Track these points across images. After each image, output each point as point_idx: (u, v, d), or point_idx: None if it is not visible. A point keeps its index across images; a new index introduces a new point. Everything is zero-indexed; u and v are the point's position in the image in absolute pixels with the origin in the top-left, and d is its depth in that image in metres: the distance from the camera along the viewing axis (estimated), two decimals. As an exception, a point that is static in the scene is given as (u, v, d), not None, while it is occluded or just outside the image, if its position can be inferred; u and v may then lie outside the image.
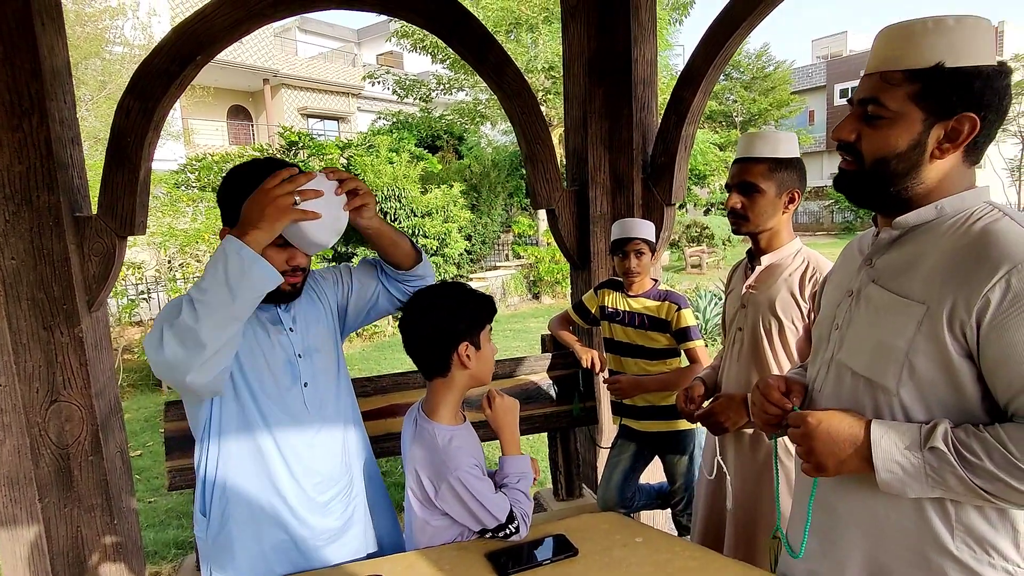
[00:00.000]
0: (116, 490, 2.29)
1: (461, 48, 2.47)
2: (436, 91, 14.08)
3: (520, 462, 1.47)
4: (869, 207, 1.09)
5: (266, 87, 20.30)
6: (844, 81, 29.71)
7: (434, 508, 1.39)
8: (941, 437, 0.91)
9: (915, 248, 1.01)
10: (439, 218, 10.74)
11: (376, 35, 28.05)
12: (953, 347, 0.92)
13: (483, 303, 1.46)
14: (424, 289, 1.49)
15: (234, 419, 1.38)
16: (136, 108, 2.19)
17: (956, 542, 0.96)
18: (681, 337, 2.22)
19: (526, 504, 1.43)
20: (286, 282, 1.40)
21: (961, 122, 0.95)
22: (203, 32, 2.22)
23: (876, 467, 0.96)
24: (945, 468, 0.91)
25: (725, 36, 2.34)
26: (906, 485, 0.95)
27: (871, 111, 1.00)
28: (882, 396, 1.01)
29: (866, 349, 1.04)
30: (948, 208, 0.99)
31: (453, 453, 1.37)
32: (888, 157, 1.00)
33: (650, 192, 2.67)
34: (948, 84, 0.94)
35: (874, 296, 1.04)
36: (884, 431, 0.96)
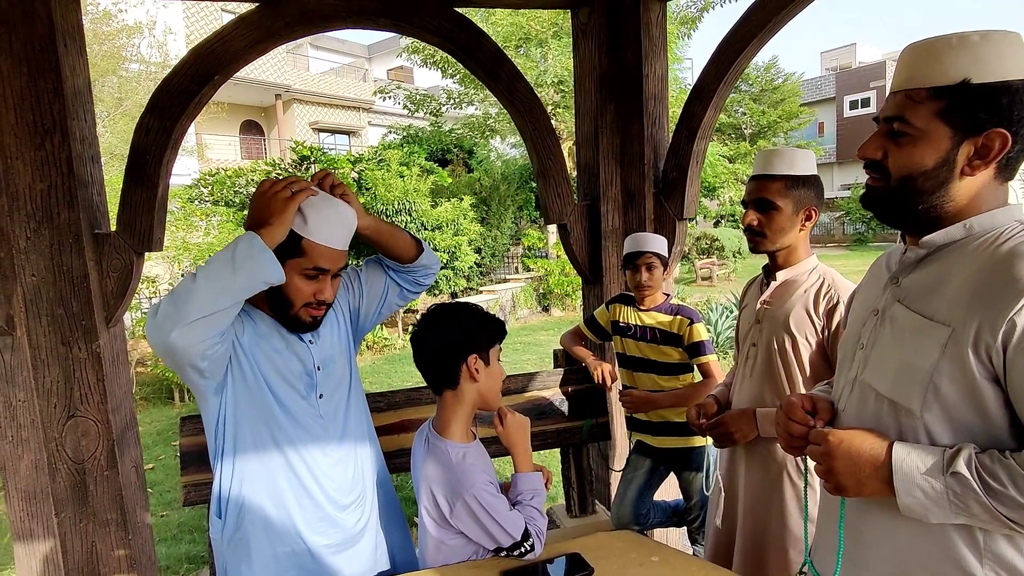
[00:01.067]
0: (131, 505, 2.30)
1: (473, 65, 2.50)
2: (446, 105, 14.19)
3: (533, 479, 1.48)
4: (897, 225, 1.07)
5: (278, 102, 20.56)
6: (854, 92, 29.67)
7: (449, 527, 1.39)
8: (964, 462, 0.89)
9: (942, 268, 0.99)
10: (449, 231, 10.79)
11: (387, 50, 28.34)
12: (978, 371, 0.90)
13: (494, 322, 1.49)
14: (437, 305, 1.51)
15: (249, 423, 1.40)
16: (155, 127, 2.22)
17: (985, 570, 0.93)
18: (694, 352, 2.21)
19: (540, 521, 1.43)
20: (308, 313, 1.42)
21: (991, 138, 0.93)
22: (221, 52, 2.26)
23: (897, 491, 0.93)
24: (968, 494, 0.88)
25: (735, 53, 2.35)
26: (928, 510, 0.92)
27: (897, 128, 0.99)
28: (906, 419, 0.98)
29: (890, 370, 1.02)
30: (977, 227, 0.97)
31: (468, 470, 1.37)
32: (915, 175, 0.99)
33: (662, 206, 2.67)
34: (975, 100, 0.93)
35: (899, 316, 1.02)
36: (906, 454, 0.94)
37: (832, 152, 28.84)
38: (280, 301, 1.41)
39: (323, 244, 1.38)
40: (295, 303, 1.40)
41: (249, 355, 1.39)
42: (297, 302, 1.40)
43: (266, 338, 1.42)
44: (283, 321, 1.43)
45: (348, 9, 2.32)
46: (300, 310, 1.41)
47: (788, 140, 25.72)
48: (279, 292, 1.39)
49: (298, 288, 1.38)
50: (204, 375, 1.31)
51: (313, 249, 1.37)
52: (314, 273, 1.38)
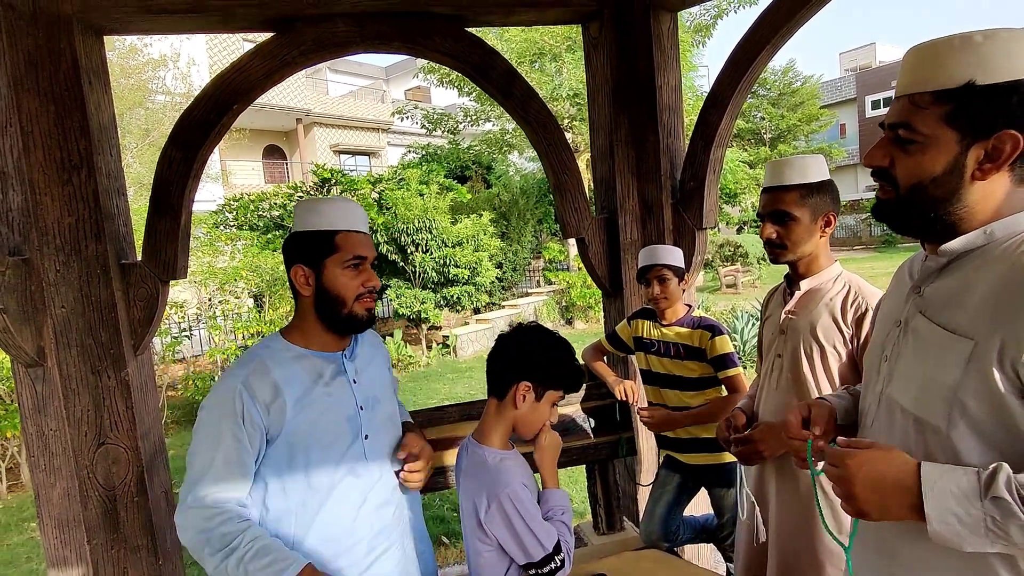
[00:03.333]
0: (161, 531, 2.32)
1: (487, 85, 2.52)
2: (463, 123, 14.34)
3: (562, 495, 1.48)
4: (913, 235, 1.04)
5: (299, 126, 20.96)
6: (875, 92, 29.25)
7: (484, 534, 1.39)
8: (1004, 485, 0.82)
9: (964, 276, 0.95)
10: (469, 247, 10.83)
11: (404, 71, 28.78)
12: (1004, 386, 0.85)
13: (568, 371, 1.48)
14: (540, 327, 1.52)
15: (287, 482, 1.37)
16: (178, 158, 2.27)
17: None
18: (718, 365, 2.16)
19: (569, 538, 1.43)
20: (362, 306, 1.44)
21: (1002, 140, 0.89)
22: (240, 82, 2.31)
23: (928, 517, 0.86)
24: (1010, 520, 0.81)
25: (749, 59, 2.33)
26: (963, 539, 0.85)
27: (903, 135, 0.96)
28: (932, 437, 0.94)
29: (914, 385, 0.98)
30: (999, 232, 0.93)
31: (504, 471, 1.39)
32: (924, 182, 0.96)
33: (680, 217, 2.65)
34: (982, 102, 0.89)
35: (921, 328, 0.99)
36: (937, 476, 0.87)
37: (855, 153, 28.39)
38: (332, 304, 1.42)
39: (353, 230, 1.43)
40: (347, 299, 1.42)
41: (289, 436, 1.37)
42: (349, 297, 1.42)
43: (307, 395, 1.39)
44: (339, 325, 1.44)
45: (362, 35, 2.36)
46: (354, 305, 1.43)
47: (809, 142, 25.43)
48: (329, 296, 1.41)
49: (346, 284, 1.41)
50: None
51: (347, 239, 1.42)
52: (356, 262, 1.42)
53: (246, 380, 1.36)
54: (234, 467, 1.33)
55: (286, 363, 1.41)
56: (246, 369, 1.38)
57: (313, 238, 1.42)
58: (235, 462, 1.33)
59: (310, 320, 1.45)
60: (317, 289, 1.42)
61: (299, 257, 1.44)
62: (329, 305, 1.42)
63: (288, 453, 1.37)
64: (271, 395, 1.36)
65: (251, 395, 1.34)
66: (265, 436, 1.36)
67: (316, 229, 1.42)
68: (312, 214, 1.43)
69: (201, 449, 1.34)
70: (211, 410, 1.36)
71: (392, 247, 10.51)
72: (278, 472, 1.37)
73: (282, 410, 1.36)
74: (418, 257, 10.41)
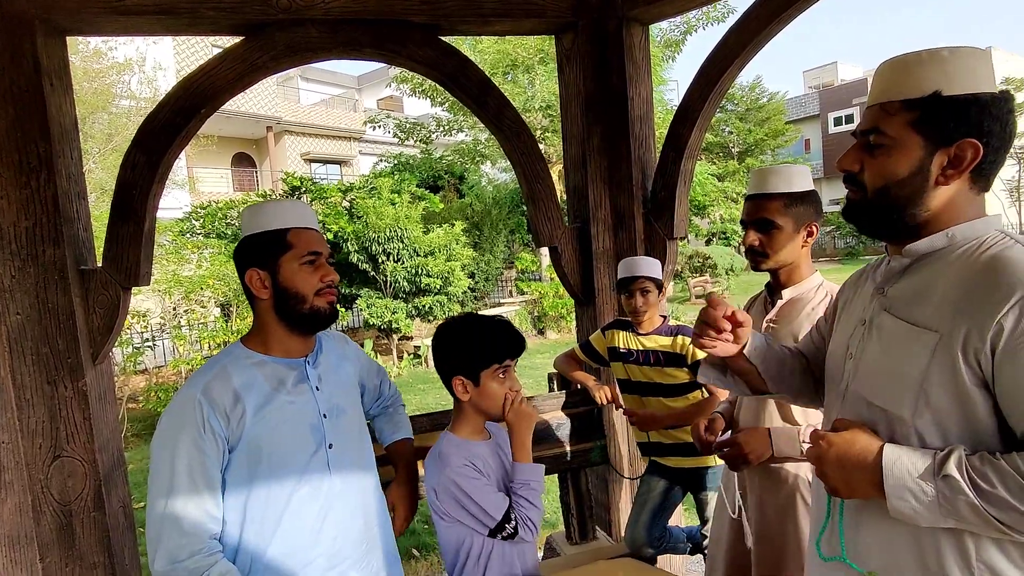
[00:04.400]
0: (119, 547, 2.24)
1: (461, 94, 2.52)
2: (436, 133, 14.33)
3: (527, 470, 1.53)
4: (878, 236, 1.09)
5: (269, 134, 20.70)
6: (837, 109, 30.14)
7: (441, 512, 1.50)
8: (955, 465, 0.89)
9: (927, 276, 1.01)
10: (442, 257, 10.78)
11: (376, 81, 28.67)
12: (968, 376, 0.91)
13: (488, 349, 1.51)
14: (450, 320, 1.61)
15: (247, 491, 1.33)
16: (142, 162, 2.22)
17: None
18: (698, 370, 2.19)
19: (530, 510, 1.50)
20: (323, 300, 1.41)
21: (963, 148, 0.96)
22: (208, 86, 2.27)
23: (887, 494, 0.94)
24: (958, 497, 0.88)
25: (718, 73, 2.38)
26: (918, 514, 0.92)
27: (872, 140, 1.02)
28: (899, 427, 0.99)
29: (880, 379, 1.03)
30: (959, 236, 0.99)
31: (447, 454, 1.50)
32: (889, 184, 1.01)
33: (652, 227, 2.67)
34: (946, 111, 0.95)
35: (887, 325, 1.03)
36: (896, 457, 0.94)
37: (819, 168, 29.15)
38: (292, 302, 1.39)
39: (303, 226, 1.41)
40: (307, 295, 1.39)
41: (249, 445, 1.33)
42: (309, 293, 1.39)
43: (268, 403, 1.35)
44: (302, 323, 1.41)
45: (334, 41, 2.34)
46: (315, 300, 1.40)
47: (776, 157, 26.05)
48: (288, 295, 1.38)
49: (304, 279, 1.39)
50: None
51: (299, 236, 1.40)
52: (311, 258, 1.40)
53: (206, 388, 1.32)
54: (199, 479, 1.29)
55: (246, 370, 1.37)
56: (205, 377, 1.34)
57: (264, 239, 1.39)
58: (199, 474, 1.29)
59: (270, 324, 1.42)
60: (275, 290, 1.39)
61: (252, 260, 1.40)
62: (289, 304, 1.39)
63: (248, 463, 1.33)
64: (231, 403, 1.32)
65: (211, 403, 1.30)
66: (227, 445, 1.32)
67: (266, 230, 1.39)
68: (260, 215, 1.41)
69: (163, 463, 1.29)
70: (171, 421, 1.32)
71: (363, 256, 10.40)
72: (238, 482, 1.33)
73: (242, 418, 1.32)
74: (389, 266, 10.32)
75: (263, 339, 1.43)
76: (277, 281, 1.39)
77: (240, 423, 1.32)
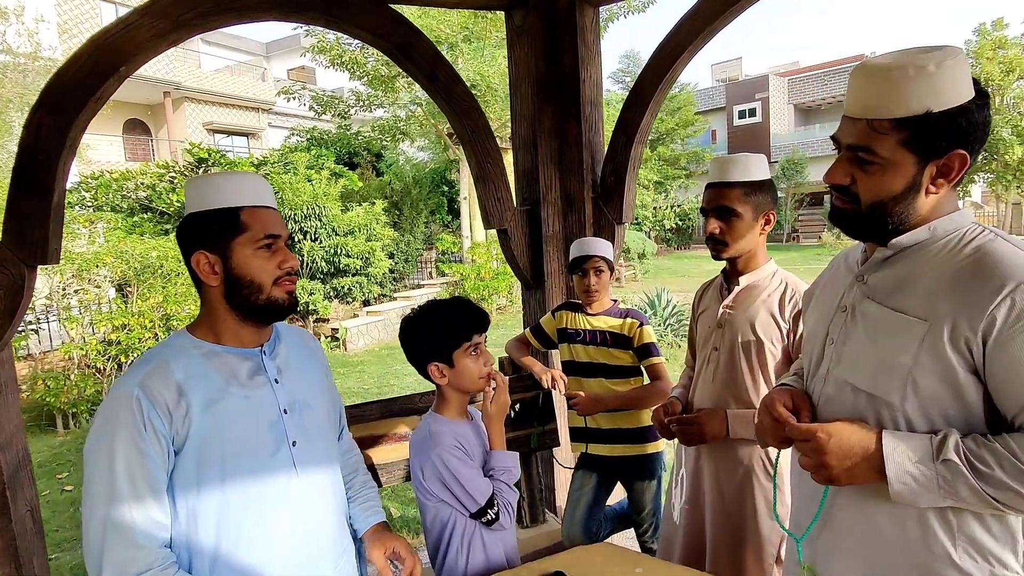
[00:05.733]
0: (27, 555, 2.01)
1: (409, 66, 2.41)
2: (355, 107, 13.78)
3: (506, 457, 1.58)
4: (865, 240, 1.13)
5: (167, 100, 19.15)
6: (741, 103, 31.71)
7: (426, 491, 1.53)
8: (953, 449, 0.94)
9: (909, 266, 1.05)
10: (362, 236, 10.47)
11: (286, 49, 27.18)
12: (958, 363, 0.96)
13: (455, 329, 1.54)
14: (411, 312, 1.60)
15: (200, 496, 1.21)
16: (49, 125, 1.96)
17: (959, 552, 0.99)
18: (643, 353, 2.22)
19: (509, 495, 1.54)
20: (282, 289, 1.27)
21: (952, 159, 0.99)
22: (126, 42, 2.03)
23: (889, 479, 0.98)
24: (958, 479, 0.93)
25: (671, 59, 2.41)
26: (918, 496, 0.97)
27: (863, 157, 1.03)
28: (886, 410, 1.03)
29: (867, 365, 1.06)
30: (940, 229, 1.04)
31: (436, 434, 1.52)
32: (885, 200, 1.04)
33: (600, 211, 2.69)
34: (937, 128, 0.97)
35: (871, 312, 1.07)
36: (895, 443, 0.98)
37: (710, 165, 30.58)
38: (247, 291, 1.25)
39: (260, 205, 1.27)
40: (264, 284, 1.25)
41: (197, 446, 1.20)
42: (266, 282, 1.25)
43: (219, 398, 1.22)
44: (258, 314, 1.27)
45: (275, 1, 2.16)
46: (272, 289, 1.26)
47: (685, 146, 27.10)
48: (242, 283, 1.24)
49: (260, 266, 1.25)
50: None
51: (254, 216, 1.25)
52: (268, 242, 1.26)
53: (143, 383, 1.17)
54: (140, 484, 1.15)
55: (193, 361, 1.23)
56: (142, 371, 1.20)
57: (214, 218, 1.24)
58: (141, 478, 1.15)
59: (220, 312, 1.27)
60: (226, 277, 1.25)
61: (199, 242, 1.24)
62: (242, 293, 1.25)
63: (198, 465, 1.20)
64: (174, 398, 1.18)
65: (150, 399, 1.16)
66: (171, 445, 1.19)
67: (216, 207, 1.24)
68: (209, 190, 1.25)
69: (99, 468, 1.15)
70: (105, 421, 1.17)
71: (277, 235, 9.88)
72: (186, 489, 1.20)
73: (187, 415, 1.18)
74: (307, 246, 9.89)
75: (212, 327, 1.29)
76: (229, 267, 1.25)
77: (185, 421, 1.19)
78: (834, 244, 19.65)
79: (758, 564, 1.69)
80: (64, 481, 5.16)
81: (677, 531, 1.86)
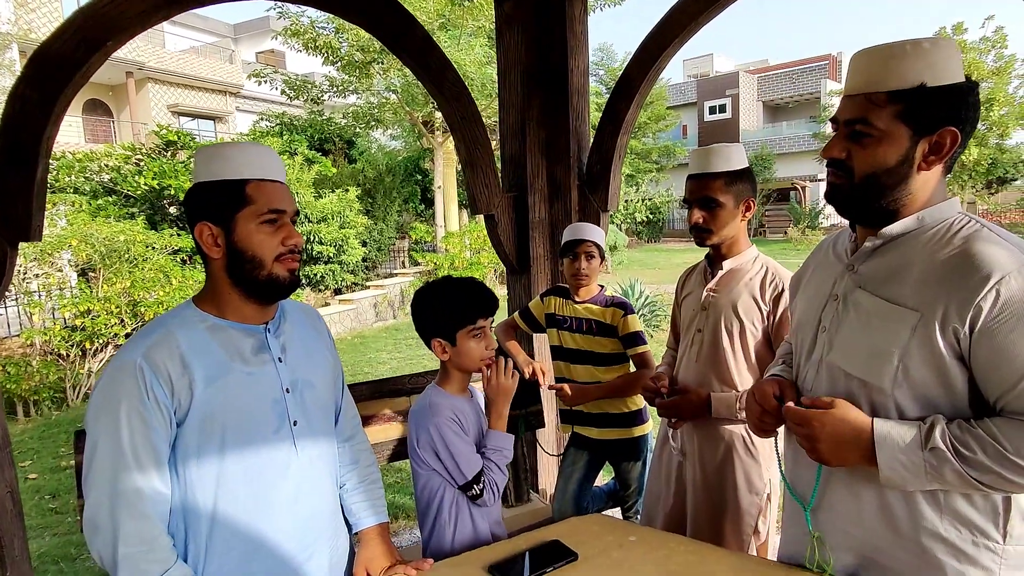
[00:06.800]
0: (8, 537, 1.99)
1: (402, 53, 2.41)
2: (329, 93, 13.55)
3: (500, 438, 1.61)
4: (857, 219, 1.17)
5: (130, 80, 18.56)
6: (712, 99, 32.18)
7: (419, 459, 1.57)
8: (940, 437, 0.99)
9: (899, 256, 1.09)
10: (335, 224, 10.35)
11: (255, 31, 26.57)
12: (946, 351, 1.00)
13: (461, 311, 1.56)
14: (426, 284, 1.64)
15: (195, 473, 1.21)
16: (33, 99, 1.92)
17: (945, 525, 1.05)
18: (629, 342, 2.27)
19: (498, 475, 1.57)
20: (284, 267, 1.26)
21: (944, 136, 1.04)
22: (115, 16, 1.99)
23: (880, 465, 1.03)
24: (944, 465, 0.99)
25: (659, 50, 2.45)
26: (907, 481, 1.02)
27: (859, 130, 1.07)
28: (877, 396, 1.08)
29: (860, 352, 1.10)
30: (928, 218, 1.08)
31: (435, 405, 1.56)
32: (878, 172, 1.07)
33: (586, 199, 2.74)
34: (931, 102, 1.02)
35: (863, 301, 1.11)
36: (886, 432, 1.03)
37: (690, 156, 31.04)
38: (248, 266, 1.24)
39: (267, 179, 1.25)
40: (265, 260, 1.24)
41: (199, 420, 1.20)
42: (267, 258, 1.24)
43: (222, 373, 1.22)
44: (258, 291, 1.26)
45: (267, -21, 2.14)
46: (274, 266, 1.25)
47: (656, 140, 27.38)
48: (243, 257, 1.23)
49: (262, 242, 1.23)
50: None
51: (260, 190, 1.23)
52: (273, 216, 1.24)
53: (147, 353, 1.17)
54: (143, 454, 1.15)
55: (197, 334, 1.23)
56: (148, 340, 1.19)
57: (219, 189, 1.23)
58: (144, 448, 1.15)
59: (223, 286, 1.27)
60: (228, 249, 1.23)
61: (203, 212, 1.23)
62: (244, 268, 1.24)
63: (198, 439, 1.20)
64: (178, 370, 1.18)
65: (154, 369, 1.16)
66: (173, 417, 1.19)
67: (222, 179, 1.23)
68: (217, 161, 1.24)
69: (102, 438, 1.15)
70: (108, 390, 1.17)
71: (248, 221, 9.72)
72: (185, 460, 1.21)
73: (190, 387, 1.18)
74: (278, 232, 9.73)
75: (216, 301, 1.28)
76: (231, 240, 1.23)
77: (187, 393, 1.19)
78: (799, 239, 20.14)
79: (736, 536, 1.77)
80: (27, 469, 5.03)
81: (659, 504, 1.93)
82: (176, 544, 1.21)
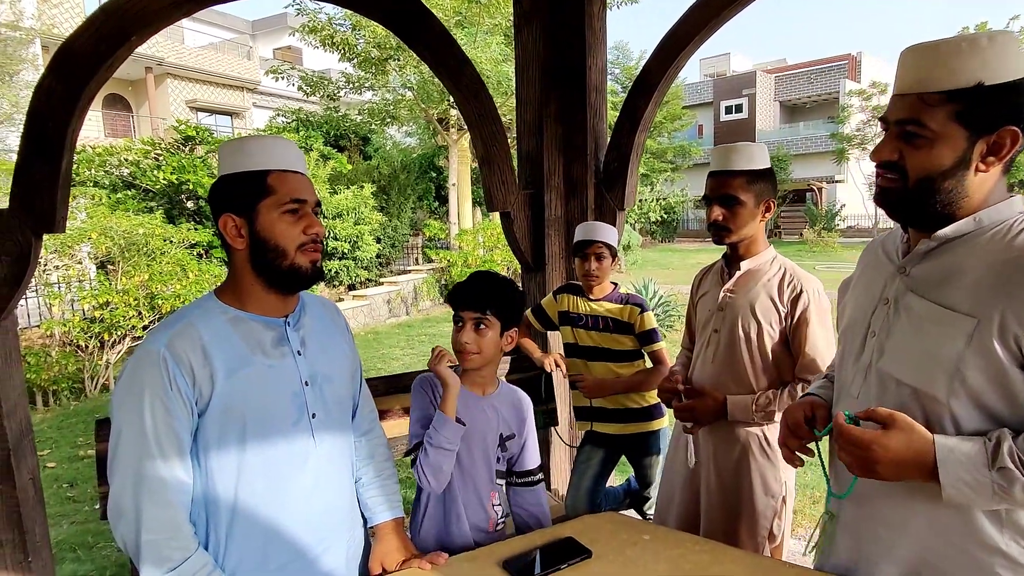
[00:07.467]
0: (30, 523, 2.02)
1: (420, 47, 2.41)
2: (345, 89, 13.61)
3: (439, 419, 1.50)
4: (910, 223, 1.10)
5: (149, 76, 18.79)
6: (728, 99, 31.93)
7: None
8: (1008, 455, 0.93)
9: (953, 259, 1.02)
10: (350, 220, 10.40)
11: (273, 28, 26.77)
12: (1006, 359, 0.94)
13: (451, 294, 1.59)
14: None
15: (215, 464, 1.23)
16: (59, 91, 1.95)
17: (1006, 539, 0.99)
18: (645, 339, 2.28)
19: (425, 461, 1.49)
20: (306, 257, 1.27)
21: (1003, 136, 0.98)
22: (140, 10, 2.02)
23: (943, 484, 0.97)
24: (1014, 484, 0.93)
25: (678, 48, 2.44)
26: (972, 501, 0.97)
27: (912, 131, 1.01)
28: (931, 405, 1.02)
29: (912, 359, 1.04)
30: (986, 220, 1.02)
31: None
32: (933, 175, 1.01)
33: (603, 197, 2.73)
34: (989, 101, 0.96)
35: (915, 306, 1.05)
36: (949, 450, 0.97)
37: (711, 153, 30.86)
38: (271, 256, 1.25)
39: (288, 170, 1.27)
40: (288, 250, 1.25)
41: (219, 411, 1.22)
42: (290, 247, 1.26)
43: (242, 365, 1.24)
44: (281, 281, 1.28)
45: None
46: (296, 256, 1.26)
47: (671, 139, 27.24)
48: (266, 247, 1.25)
49: (284, 231, 1.25)
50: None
51: (281, 180, 1.25)
52: (294, 206, 1.25)
53: (170, 343, 1.19)
54: (167, 443, 1.17)
55: (219, 326, 1.25)
56: (170, 330, 1.21)
57: (241, 180, 1.25)
58: (168, 437, 1.17)
59: (246, 277, 1.29)
60: (251, 240, 1.26)
61: (227, 204, 1.26)
62: (267, 257, 1.26)
63: (219, 430, 1.22)
64: (200, 361, 1.20)
65: (176, 360, 1.18)
66: (195, 407, 1.21)
67: (244, 170, 1.25)
68: (239, 154, 1.26)
69: (127, 426, 1.17)
70: (131, 380, 1.18)
71: (264, 216, 9.78)
72: (207, 453, 1.23)
73: (211, 379, 1.20)
74: (293, 228, 9.79)
75: (238, 293, 1.30)
76: (254, 230, 1.26)
77: (209, 384, 1.20)
78: (815, 241, 19.96)
79: (751, 538, 1.76)
80: (46, 458, 5.11)
81: (672, 505, 1.92)
82: (197, 532, 1.22)
